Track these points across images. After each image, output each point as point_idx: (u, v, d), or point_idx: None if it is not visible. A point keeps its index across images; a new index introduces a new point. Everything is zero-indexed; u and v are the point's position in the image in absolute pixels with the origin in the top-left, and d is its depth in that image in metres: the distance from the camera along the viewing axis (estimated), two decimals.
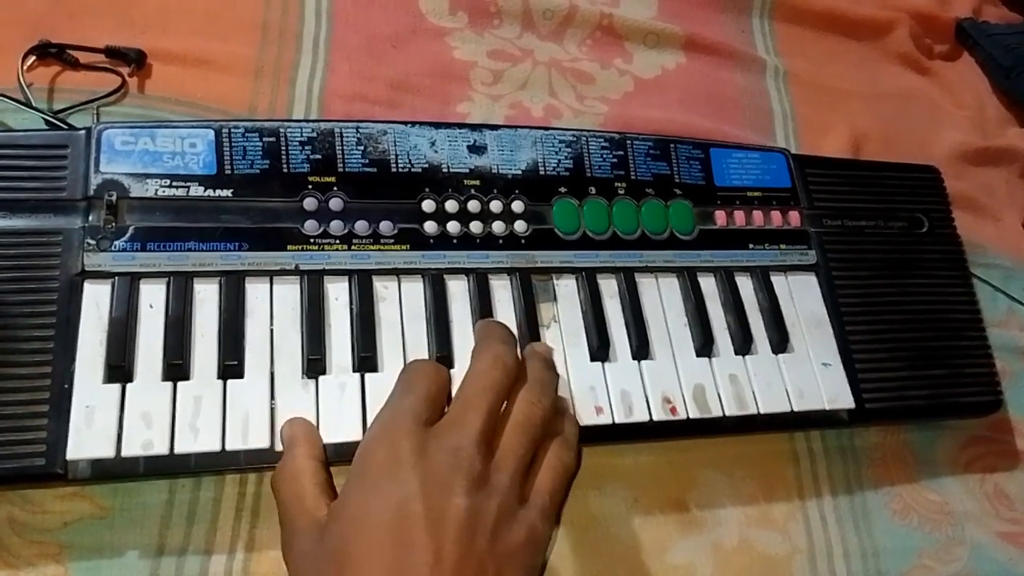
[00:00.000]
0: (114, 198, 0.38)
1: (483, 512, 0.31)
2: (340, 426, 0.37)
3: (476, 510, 0.31)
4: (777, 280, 0.47)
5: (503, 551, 0.31)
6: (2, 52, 0.45)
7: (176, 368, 0.36)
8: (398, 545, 0.29)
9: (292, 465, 0.34)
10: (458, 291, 0.42)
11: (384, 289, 0.41)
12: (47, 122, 0.43)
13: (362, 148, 0.43)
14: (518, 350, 0.38)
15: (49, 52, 0.46)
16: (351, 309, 0.40)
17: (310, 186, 0.41)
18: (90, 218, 0.38)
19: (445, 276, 0.42)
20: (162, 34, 0.49)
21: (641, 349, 0.43)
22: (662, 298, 0.45)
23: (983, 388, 0.49)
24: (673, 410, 0.42)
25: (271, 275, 0.39)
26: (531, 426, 0.34)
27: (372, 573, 0.29)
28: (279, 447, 0.36)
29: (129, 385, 0.36)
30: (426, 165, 0.44)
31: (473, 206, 0.43)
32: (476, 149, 0.45)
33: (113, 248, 0.38)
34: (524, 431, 0.34)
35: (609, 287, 0.44)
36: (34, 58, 0.46)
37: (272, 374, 0.37)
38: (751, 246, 0.47)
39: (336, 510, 0.32)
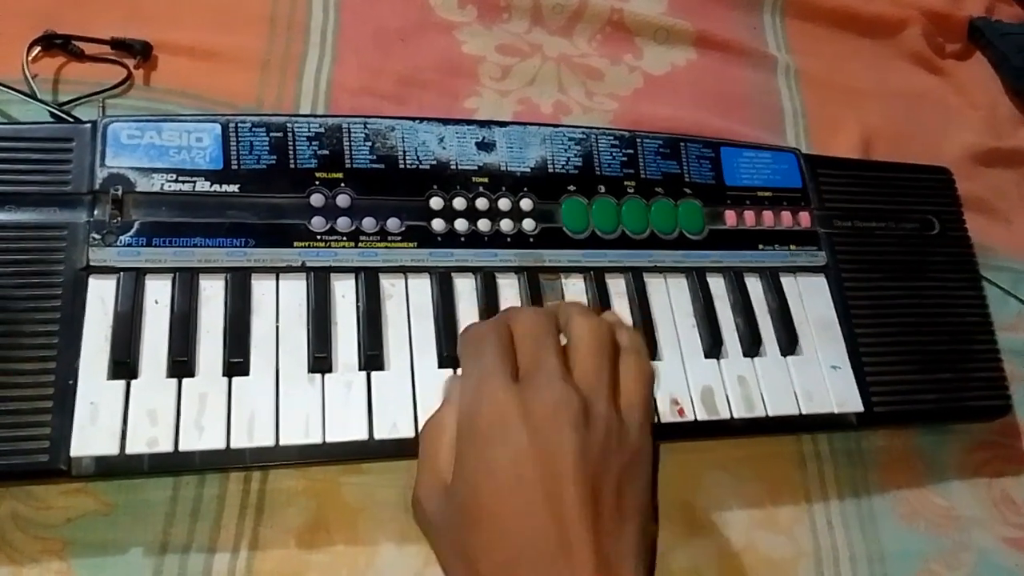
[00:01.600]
0: (120, 192, 0.38)
1: (592, 442, 0.31)
2: (346, 424, 0.37)
3: (586, 442, 0.31)
4: (787, 281, 0.47)
5: (619, 473, 0.31)
6: (7, 43, 0.45)
7: (181, 365, 0.36)
8: (523, 493, 0.30)
9: (439, 419, 0.34)
10: (465, 290, 0.41)
11: (391, 287, 0.40)
12: (52, 114, 0.43)
13: (370, 144, 0.42)
14: None
15: (54, 43, 0.46)
16: (358, 307, 0.39)
17: (317, 182, 0.41)
18: (95, 212, 0.37)
19: (452, 274, 0.41)
20: (168, 26, 0.49)
21: (649, 350, 0.42)
22: (671, 298, 0.44)
23: (992, 392, 0.49)
24: (681, 412, 0.41)
25: (277, 272, 0.39)
26: (602, 345, 0.34)
27: (505, 524, 0.30)
28: (284, 444, 0.36)
29: (134, 382, 0.35)
30: (434, 162, 0.43)
31: (481, 204, 0.43)
32: (485, 146, 0.44)
33: (118, 243, 0.37)
34: (597, 353, 0.34)
35: (617, 287, 0.44)
36: (39, 49, 0.45)
37: (278, 372, 0.37)
38: (761, 247, 0.47)
39: (457, 475, 0.32)
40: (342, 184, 0.41)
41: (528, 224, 0.43)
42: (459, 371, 0.37)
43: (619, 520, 0.31)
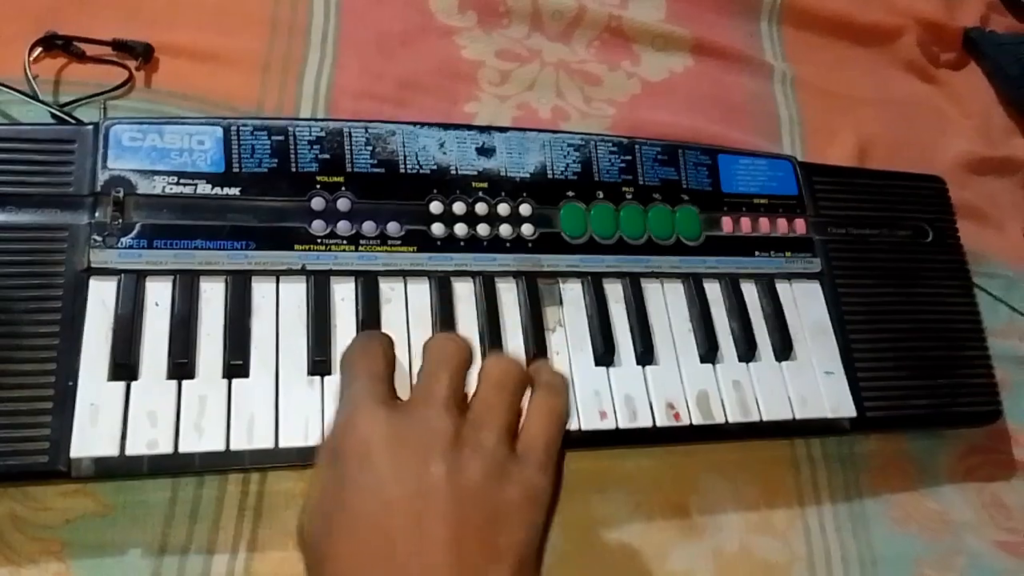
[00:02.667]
0: (121, 194, 0.38)
1: (466, 472, 0.29)
2: None
3: (457, 472, 0.28)
4: (782, 288, 0.47)
5: (497, 511, 0.29)
6: (8, 43, 0.45)
7: (181, 367, 0.36)
8: (379, 533, 0.28)
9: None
10: (464, 294, 0.42)
11: (390, 290, 0.41)
12: (53, 115, 0.43)
13: (371, 148, 0.43)
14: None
15: (56, 44, 0.46)
16: (357, 310, 0.40)
17: (318, 186, 0.41)
18: (97, 214, 0.38)
19: (452, 278, 0.42)
20: (170, 28, 0.49)
21: (646, 354, 0.43)
22: (667, 303, 0.45)
23: (983, 398, 0.49)
24: (677, 416, 0.42)
25: (277, 275, 0.39)
26: (507, 382, 0.32)
27: (355, 566, 0.28)
28: (283, 446, 0.36)
29: (134, 383, 0.36)
30: (434, 167, 0.43)
31: (481, 208, 0.43)
32: (485, 151, 0.45)
33: (119, 245, 0.37)
34: (499, 388, 0.32)
35: (615, 292, 0.44)
36: (40, 50, 0.45)
37: (277, 374, 0.37)
38: (757, 253, 0.47)
39: (315, 504, 0.30)
40: (343, 188, 0.41)
41: (527, 229, 0.44)
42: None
43: (489, 563, 0.28)
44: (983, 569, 0.48)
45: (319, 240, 0.40)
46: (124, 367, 0.35)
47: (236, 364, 0.37)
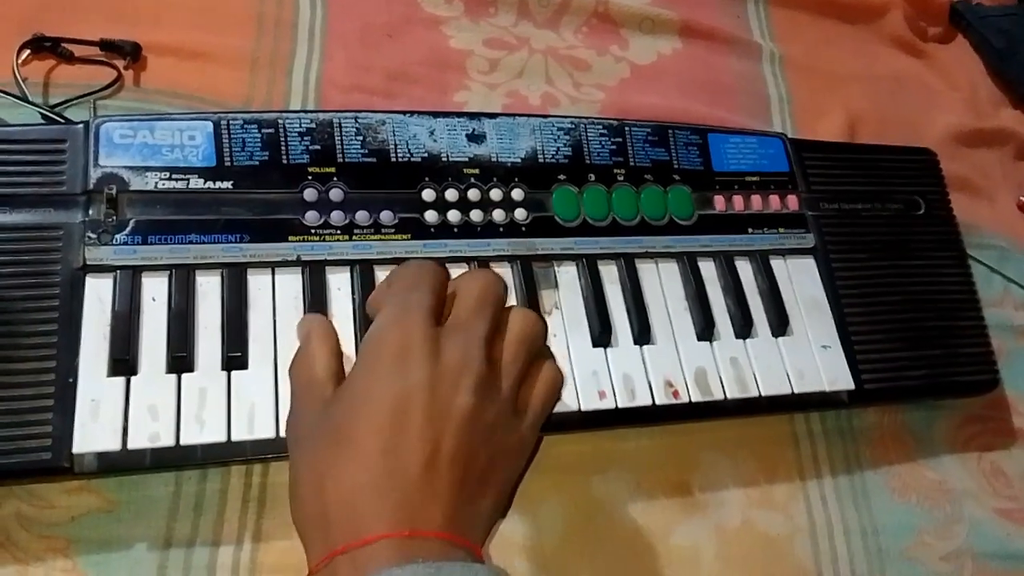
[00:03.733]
0: (114, 192, 0.38)
1: (484, 413, 0.32)
2: None
3: (478, 410, 0.31)
4: (776, 264, 0.47)
5: (494, 453, 0.32)
6: None
7: (180, 360, 0.36)
8: (398, 429, 0.30)
9: (306, 352, 0.35)
10: None
11: None
12: (43, 116, 0.43)
13: (361, 138, 0.43)
14: None
15: (44, 46, 0.46)
16: (353, 299, 0.40)
17: (310, 177, 0.41)
18: (90, 212, 0.38)
19: (446, 265, 0.41)
20: (156, 27, 0.49)
21: (643, 334, 0.43)
22: (662, 283, 0.45)
23: (980, 367, 0.50)
24: (675, 394, 0.42)
25: (273, 266, 0.40)
26: (529, 341, 0.35)
27: (368, 452, 0.30)
28: (284, 436, 0.36)
29: (133, 378, 0.36)
30: (425, 154, 0.44)
31: (473, 195, 0.43)
32: (475, 138, 0.45)
33: (114, 242, 0.38)
34: (523, 344, 0.35)
35: (610, 273, 0.44)
36: (28, 52, 0.45)
37: (276, 365, 0.38)
38: (750, 230, 0.48)
39: (342, 390, 0.33)
40: (335, 178, 0.41)
41: (520, 213, 0.44)
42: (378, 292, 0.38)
43: (480, 492, 0.31)
44: (983, 537, 0.48)
45: (313, 231, 0.40)
46: (123, 362, 0.36)
47: (235, 356, 0.37)
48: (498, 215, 0.43)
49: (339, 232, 0.41)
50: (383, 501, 0.29)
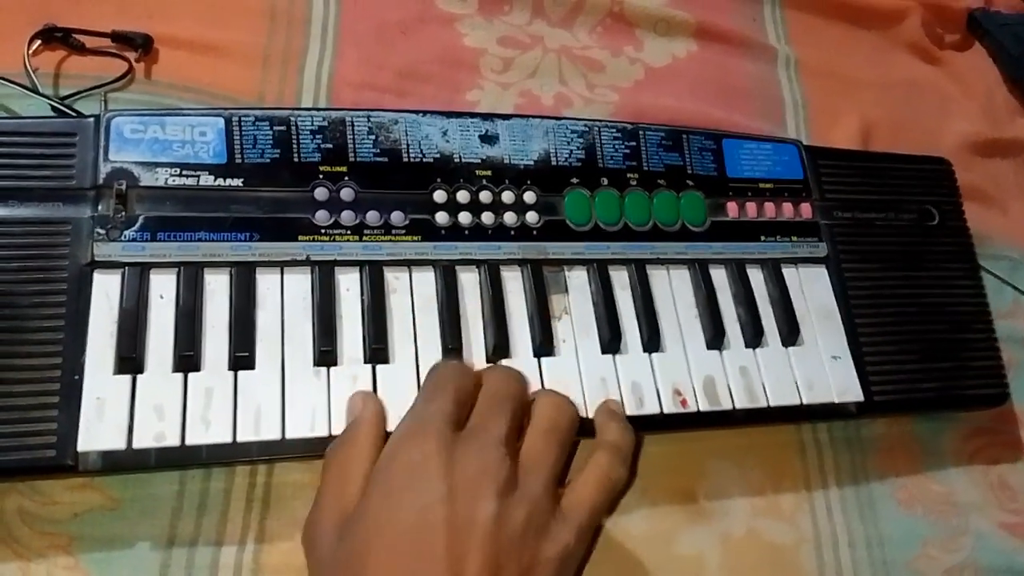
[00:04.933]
0: (124, 187, 0.38)
1: (511, 519, 0.29)
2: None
3: (504, 516, 0.29)
4: (788, 272, 0.47)
5: (530, 563, 0.29)
6: (7, 37, 0.45)
7: (187, 359, 0.36)
8: (418, 554, 0.28)
9: (350, 448, 0.33)
10: (470, 282, 0.41)
11: (395, 280, 0.40)
12: (53, 108, 0.43)
13: (373, 137, 0.42)
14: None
15: (55, 36, 0.45)
16: (362, 300, 0.39)
17: (321, 175, 0.41)
18: (99, 207, 0.37)
19: (457, 267, 0.41)
20: (168, 19, 0.49)
21: (652, 341, 0.42)
22: (673, 290, 0.45)
23: (990, 381, 0.49)
24: (684, 402, 0.42)
25: (282, 266, 0.39)
26: (558, 431, 0.33)
27: (392, 573, 0.28)
28: (290, 437, 0.36)
29: (140, 376, 0.36)
30: (438, 155, 0.43)
31: (485, 197, 0.43)
32: (488, 139, 0.44)
33: (123, 238, 0.37)
34: (551, 436, 0.33)
35: (620, 279, 0.44)
36: (39, 43, 0.45)
37: (283, 365, 0.37)
38: (762, 238, 0.47)
39: (359, 512, 0.31)
40: (346, 178, 0.41)
41: (531, 217, 0.43)
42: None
43: None
44: (988, 550, 0.48)
45: (323, 230, 0.40)
46: (130, 360, 0.35)
47: (242, 356, 0.37)
48: (509, 218, 0.43)
49: (349, 232, 0.40)
50: None
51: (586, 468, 0.34)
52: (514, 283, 0.42)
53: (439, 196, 0.42)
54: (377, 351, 0.38)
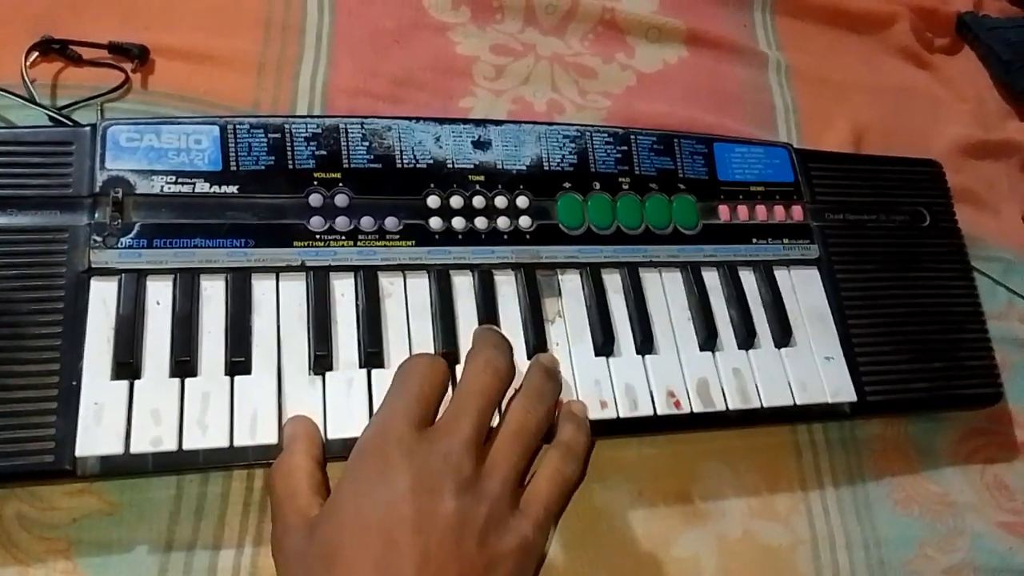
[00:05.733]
0: (120, 195, 0.38)
1: (471, 516, 0.31)
2: (347, 422, 0.37)
3: (464, 514, 0.31)
4: (780, 274, 0.47)
5: (491, 557, 0.31)
6: (5, 48, 0.45)
7: (184, 365, 0.36)
8: (386, 546, 0.30)
9: (289, 461, 0.34)
10: (463, 287, 0.42)
11: (390, 285, 0.41)
12: (51, 118, 0.43)
13: (367, 144, 0.43)
14: (513, 357, 0.38)
15: (52, 48, 0.46)
16: (357, 305, 0.40)
17: (315, 182, 0.41)
18: (96, 215, 0.38)
19: (450, 272, 0.42)
20: (165, 30, 0.49)
21: (645, 343, 0.43)
22: (666, 292, 0.45)
23: (984, 380, 0.49)
24: (677, 404, 0.42)
25: (277, 271, 0.40)
26: (524, 433, 0.34)
27: (360, 573, 0.29)
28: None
29: (137, 382, 0.36)
30: (431, 161, 0.44)
31: (478, 202, 0.43)
32: (480, 145, 0.45)
33: (119, 245, 0.38)
34: (516, 438, 0.34)
35: (613, 282, 0.44)
36: (37, 54, 0.45)
37: (279, 370, 0.38)
38: (754, 240, 0.48)
39: (327, 510, 0.32)
40: (340, 184, 0.42)
41: (524, 221, 0.44)
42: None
43: None
44: (985, 550, 0.48)
45: (318, 236, 0.40)
46: (127, 366, 0.36)
47: (238, 361, 0.37)
48: (502, 222, 0.43)
49: (344, 238, 0.41)
50: None
51: (540, 466, 0.35)
52: (507, 287, 0.42)
53: (433, 201, 0.43)
54: (372, 355, 0.39)
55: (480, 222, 0.43)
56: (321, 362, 0.38)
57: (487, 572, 0.31)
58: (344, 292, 0.40)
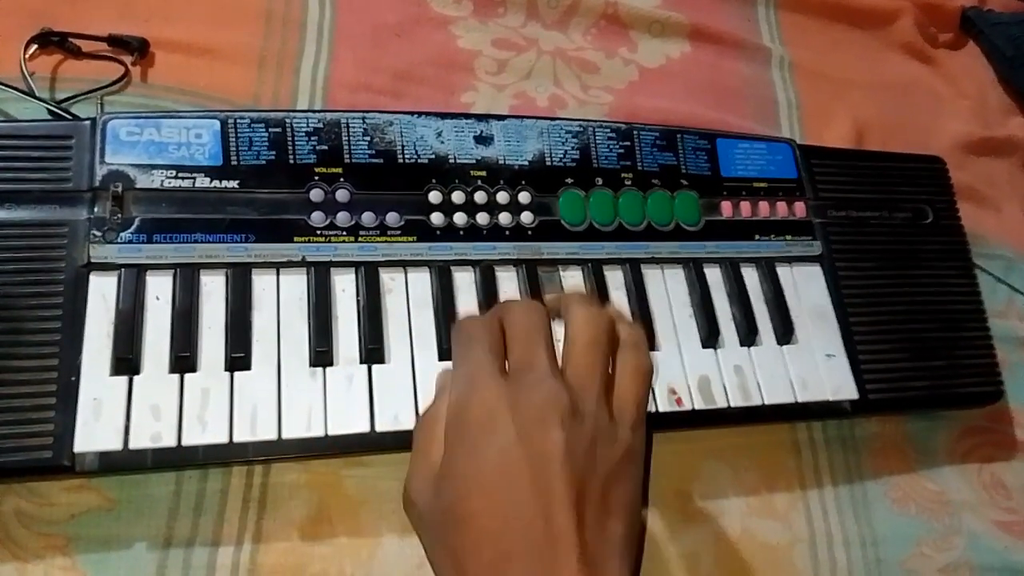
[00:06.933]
0: (120, 189, 0.38)
1: (579, 440, 0.31)
2: (347, 418, 0.37)
3: (573, 440, 0.31)
4: (782, 271, 0.47)
5: (607, 471, 0.31)
6: (4, 41, 0.45)
7: (183, 360, 0.36)
8: (509, 495, 0.30)
9: (432, 412, 0.35)
10: (464, 283, 0.42)
11: (391, 281, 0.41)
12: (50, 112, 0.43)
13: (368, 139, 0.43)
14: None
15: (51, 40, 0.46)
16: (358, 301, 0.40)
17: (316, 177, 0.41)
18: (96, 209, 0.38)
19: (452, 268, 0.42)
20: (165, 23, 0.49)
21: (647, 340, 0.43)
22: (668, 289, 0.45)
23: (984, 379, 0.49)
24: (679, 401, 0.42)
25: (278, 267, 0.39)
26: (596, 345, 0.34)
27: (491, 527, 0.30)
28: (286, 438, 0.36)
29: (136, 377, 0.36)
30: (432, 156, 0.43)
31: (480, 197, 0.43)
32: (482, 140, 0.45)
33: (119, 240, 0.37)
34: (592, 348, 0.34)
35: (615, 278, 0.44)
36: (36, 47, 0.45)
37: (279, 366, 0.37)
38: (757, 237, 0.47)
39: (445, 469, 0.32)
40: (341, 179, 0.41)
41: (526, 217, 0.44)
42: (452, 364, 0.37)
43: (605, 517, 0.31)
44: (982, 549, 0.48)
45: (319, 231, 0.40)
46: (126, 361, 0.36)
47: (238, 357, 0.37)
48: (504, 218, 0.43)
49: (344, 233, 0.40)
50: (522, 565, 0.29)
51: (618, 370, 0.35)
52: (509, 283, 0.42)
53: (434, 197, 0.42)
54: (373, 351, 0.39)
55: (482, 218, 0.43)
56: (321, 358, 0.38)
57: (605, 489, 0.31)
58: (345, 288, 0.40)
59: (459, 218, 0.42)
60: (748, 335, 0.45)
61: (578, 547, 0.29)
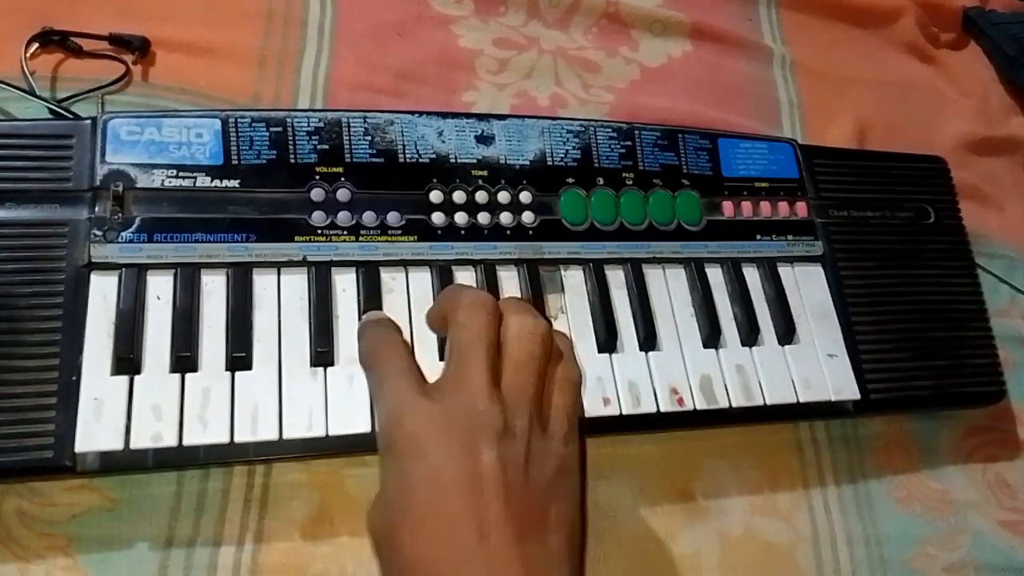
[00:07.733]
0: (120, 189, 0.38)
1: (512, 459, 0.31)
2: (349, 417, 0.37)
3: (505, 460, 0.30)
4: (784, 271, 0.47)
5: (542, 488, 0.31)
6: (5, 40, 0.45)
7: (184, 360, 0.36)
8: (440, 515, 0.30)
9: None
10: (466, 282, 0.41)
11: (392, 280, 0.41)
12: (51, 111, 0.43)
13: (369, 138, 0.43)
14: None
15: (52, 39, 0.45)
16: (359, 300, 0.40)
17: (317, 176, 0.41)
18: (96, 209, 0.38)
19: (453, 267, 0.41)
20: (165, 22, 0.49)
21: (648, 340, 0.43)
22: (669, 289, 0.45)
23: (987, 378, 0.49)
24: (680, 401, 0.42)
25: (279, 266, 0.39)
26: (532, 360, 0.34)
27: (425, 550, 0.29)
28: (287, 438, 0.36)
29: (137, 377, 0.36)
30: (434, 155, 0.43)
31: (481, 197, 0.43)
32: (484, 139, 0.45)
33: (120, 239, 0.37)
34: (527, 367, 0.33)
35: (616, 278, 0.44)
36: (37, 46, 0.45)
37: (280, 366, 0.37)
38: (758, 237, 0.47)
39: (380, 497, 0.32)
40: (342, 178, 0.41)
41: (527, 217, 0.44)
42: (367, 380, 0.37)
43: (545, 534, 0.30)
44: (987, 548, 0.48)
45: (319, 231, 0.40)
46: (127, 361, 0.35)
47: (239, 356, 0.37)
48: (505, 218, 0.43)
49: (345, 233, 0.40)
50: None
51: (550, 383, 0.34)
52: (510, 283, 0.42)
53: (435, 196, 0.42)
54: None
55: (483, 217, 0.43)
56: (322, 358, 0.38)
57: (542, 505, 0.31)
58: (345, 287, 0.40)
59: (460, 218, 0.42)
60: (750, 335, 0.44)
61: (521, 565, 0.29)
